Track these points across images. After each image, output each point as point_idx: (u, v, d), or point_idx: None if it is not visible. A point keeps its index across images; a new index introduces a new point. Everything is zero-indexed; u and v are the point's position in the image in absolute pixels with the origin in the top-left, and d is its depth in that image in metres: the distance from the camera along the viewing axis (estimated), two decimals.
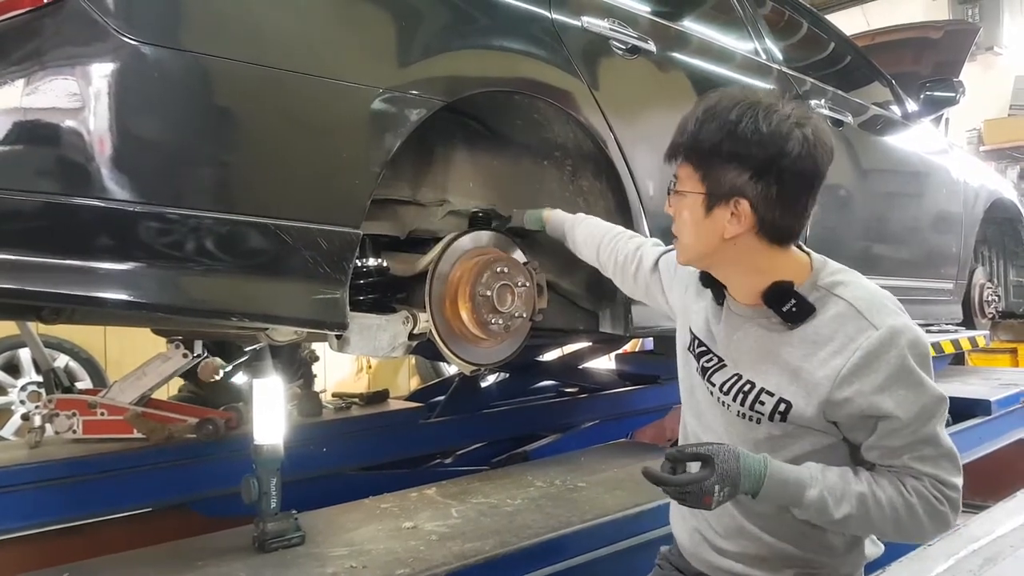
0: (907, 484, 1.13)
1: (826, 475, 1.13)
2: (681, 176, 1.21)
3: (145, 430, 2.36)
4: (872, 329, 1.11)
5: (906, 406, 1.10)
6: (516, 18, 1.81)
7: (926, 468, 1.13)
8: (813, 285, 1.18)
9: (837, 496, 1.12)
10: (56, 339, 4.06)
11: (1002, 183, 4.33)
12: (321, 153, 1.42)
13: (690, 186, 1.18)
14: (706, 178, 1.16)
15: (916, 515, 1.12)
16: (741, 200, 1.13)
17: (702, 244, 1.20)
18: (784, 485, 1.12)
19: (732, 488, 1.09)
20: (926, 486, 1.12)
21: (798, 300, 1.17)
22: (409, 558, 1.64)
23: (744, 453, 1.12)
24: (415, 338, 1.72)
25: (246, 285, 1.35)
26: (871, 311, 1.13)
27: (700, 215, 1.18)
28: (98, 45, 1.20)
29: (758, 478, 1.10)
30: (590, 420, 3.41)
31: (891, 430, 1.12)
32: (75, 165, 1.19)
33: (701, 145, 1.16)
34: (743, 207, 1.14)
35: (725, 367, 1.26)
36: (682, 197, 1.20)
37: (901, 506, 1.12)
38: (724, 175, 1.14)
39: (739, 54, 2.58)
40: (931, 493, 1.12)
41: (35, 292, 1.20)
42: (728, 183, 1.14)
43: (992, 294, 4.14)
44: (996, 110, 7.68)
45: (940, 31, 4.20)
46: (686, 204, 1.20)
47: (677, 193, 1.22)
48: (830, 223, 2.72)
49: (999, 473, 3.46)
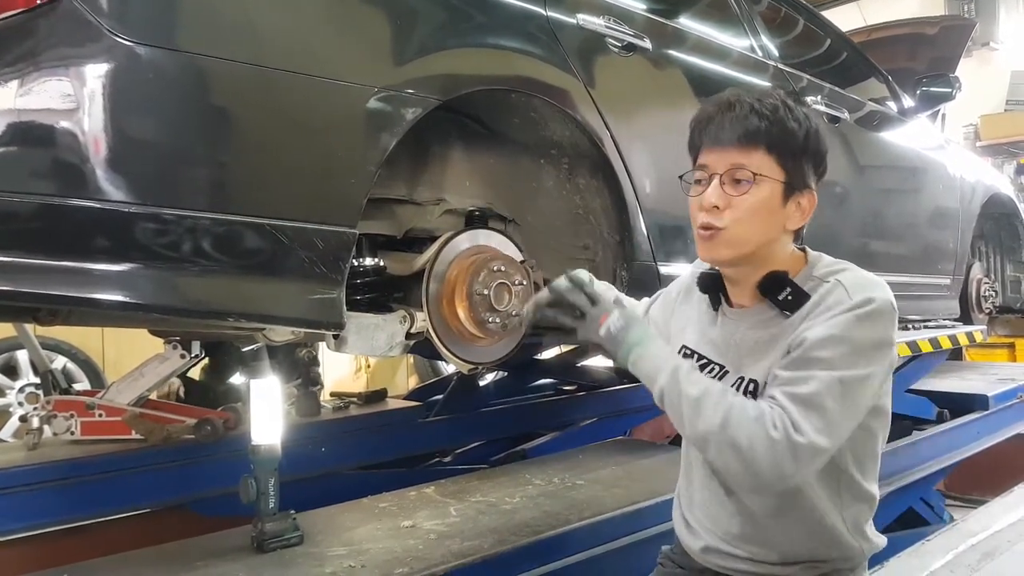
0: (758, 405, 1.10)
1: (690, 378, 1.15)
2: (755, 164, 1.15)
3: (143, 431, 2.36)
4: (848, 300, 1.13)
5: (824, 342, 1.09)
6: (511, 16, 1.81)
7: (787, 403, 1.08)
8: (809, 276, 1.20)
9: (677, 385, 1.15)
10: (54, 340, 4.06)
11: (999, 178, 4.33)
12: (317, 153, 1.42)
13: (769, 172, 1.16)
14: (788, 167, 1.16)
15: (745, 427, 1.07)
16: (811, 192, 1.19)
17: (761, 234, 1.18)
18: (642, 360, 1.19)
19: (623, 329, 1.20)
20: (774, 414, 1.07)
21: (794, 288, 1.18)
22: (408, 557, 1.64)
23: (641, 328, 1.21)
24: (412, 337, 1.72)
25: (242, 285, 1.35)
26: (855, 287, 1.14)
27: (775, 203, 1.17)
28: (92, 46, 1.20)
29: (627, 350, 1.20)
30: (588, 418, 3.41)
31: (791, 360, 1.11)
32: (70, 166, 1.19)
33: (792, 136, 1.16)
34: (810, 198, 1.19)
35: (728, 373, 1.25)
36: (752, 184, 1.15)
37: (738, 410, 1.09)
38: (804, 167, 1.18)
39: (735, 51, 2.58)
40: (772, 423, 1.06)
41: (31, 294, 1.20)
42: (806, 175, 1.19)
43: (989, 289, 4.14)
44: (992, 105, 7.68)
45: (936, 27, 4.21)
46: (762, 191, 1.15)
47: (737, 182, 1.15)
48: (827, 219, 2.72)
49: (997, 468, 3.47)
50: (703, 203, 1.18)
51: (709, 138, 1.19)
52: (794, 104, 1.19)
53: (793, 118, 1.17)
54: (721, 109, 1.18)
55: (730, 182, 1.16)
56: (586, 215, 2.02)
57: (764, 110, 1.16)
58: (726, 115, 1.17)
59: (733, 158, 1.16)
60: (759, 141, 1.15)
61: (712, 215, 1.17)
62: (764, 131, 1.15)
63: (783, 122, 1.16)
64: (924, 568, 1.64)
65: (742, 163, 1.16)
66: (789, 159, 1.17)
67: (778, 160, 1.16)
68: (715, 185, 1.17)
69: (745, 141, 1.16)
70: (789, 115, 1.17)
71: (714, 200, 1.16)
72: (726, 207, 1.16)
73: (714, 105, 1.20)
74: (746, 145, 1.16)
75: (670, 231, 2.06)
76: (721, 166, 1.17)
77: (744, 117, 1.16)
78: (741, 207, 1.16)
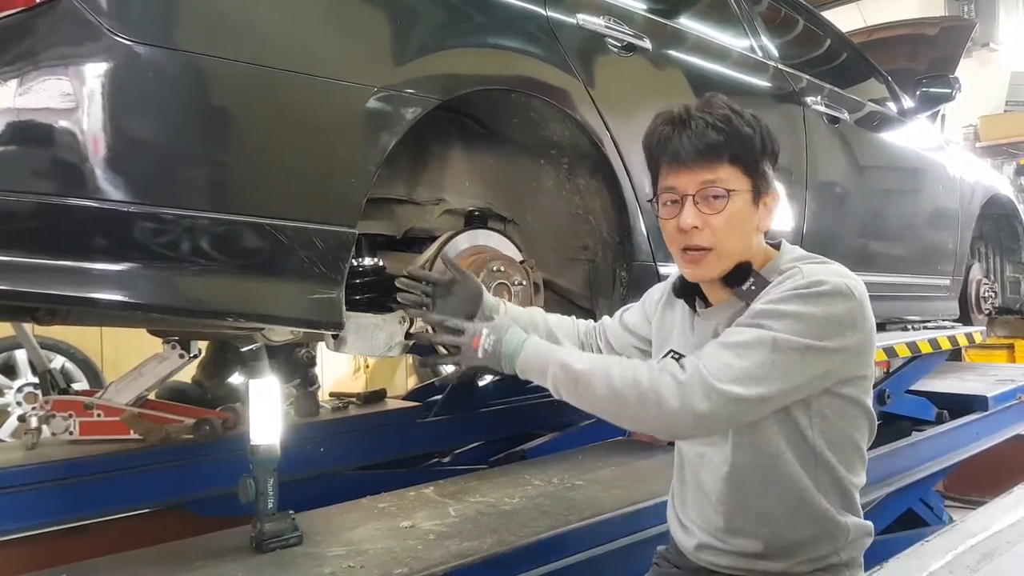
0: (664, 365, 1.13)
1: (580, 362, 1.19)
2: (722, 178, 1.16)
3: (142, 431, 2.36)
4: (802, 279, 1.13)
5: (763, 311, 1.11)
6: (511, 16, 1.81)
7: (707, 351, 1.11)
8: (776, 267, 1.21)
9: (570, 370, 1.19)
10: (52, 340, 4.06)
11: (998, 179, 4.34)
12: (316, 152, 1.42)
13: (737, 184, 1.16)
14: (751, 173, 1.17)
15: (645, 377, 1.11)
16: (773, 191, 1.20)
17: (744, 242, 1.19)
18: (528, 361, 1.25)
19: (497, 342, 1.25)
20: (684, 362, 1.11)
21: (756, 278, 1.18)
22: (407, 557, 1.64)
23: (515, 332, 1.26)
24: (412, 337, 1.72)
25: (242, 285, 1.35)
26: (812, 273, 1.15)
27: (748, 212, 1.17)
28: (91, 45, 1.20)
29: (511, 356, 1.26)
30: (588, 419, 3.40)
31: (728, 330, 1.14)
32: (69, 165, 1.18)
33: (750, 143, 1.16)
34: (774, 196, 1.20)
35: None
36: (727, 199, 1.15)
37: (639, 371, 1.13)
38: (764, 169, 1.18)
39: (735, 51, 2.58)
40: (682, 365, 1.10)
41: (30, 293, 1.20)
42: (767, 176, 1.19)
43: (989, 290, 4.14)
44: (992, 106, 7.68)
45: (936, 27, 4.21)
46: (735, 204, 1.16)
47: (714, 198, 1.15)
48: (826, 220, 2.72)
49: (996, 469, 3.47)
50: (681, 225, 1.17)
51: (669, 158, 1.18)
52: (740, 108, 1.19)
53: (746, 124, 1.17)
54: (675, 127, 1.17)
55: (703, 200, 1.16)
56: (586, 215, 2.02)
57: (718, 123, 1.15)
58: (683, 133, 1.16)
59: (701, 176, 1.16)
60: (721, 155, 1.15)
61: (693, 236, 1.17)
62: (724, 144, 1.15)
63: (739, 131, 1.16)
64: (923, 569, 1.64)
65: (711, 179, 1.16)
66: (751, 166, 1.17)
67: (742, 169, 1.17)
68: (689, 206, 1.17)
69: (708, 157, 1.15)
70: (742, 122, 1.16)
71: (692, 221, 1.16)
72: (704, 226, 1.16)
73: (665, 123, 1.20)
74: (710, 161, 1.16)
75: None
76: (691, 186, 1.17)
77: (701, 133, 1.15)
78: (719, 223, 1.16)
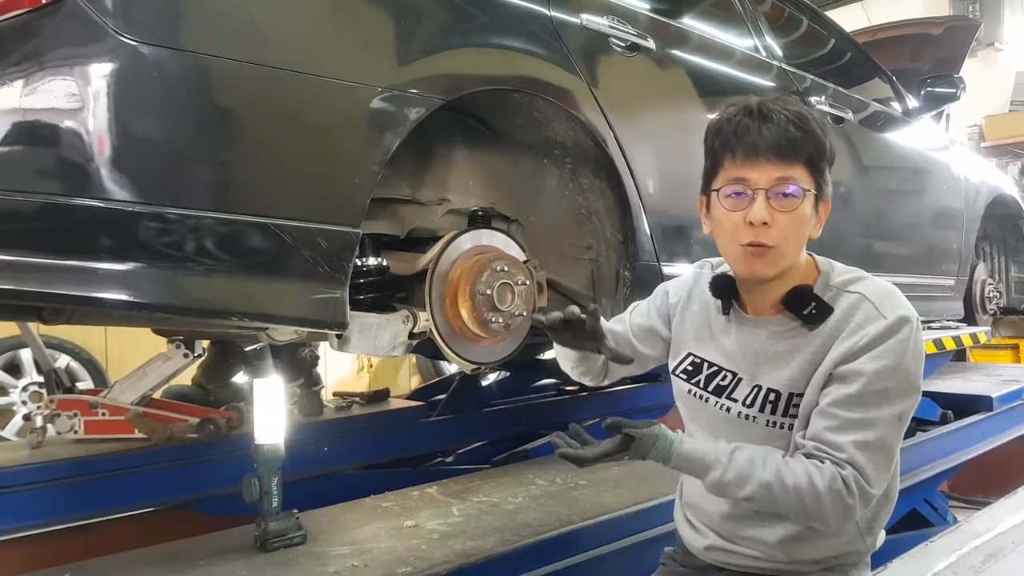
0: (824, 473, 1.10)
1: (734, 459, 1.14)
2: (796, 177, 1.13)
3: (146, 430, 2.37)
4: (882, 318, 1.13)
5: (880, 377, 1.11)
6: (515, 16, 1.81)
7: (860, 457, 1.10)
8: (826, 285, 1.19)
9: (740, 480, 1.14)
10: (57, 339, 4.06)
11: (1003, 179, 4.32)
12: (320, 152, 1.42)
13: (807, 185, 1.14)
14: (817, 177, 1.16)
15: (822, 506, 1.10)
16: (828, 199, 1.19)
17: (800, 248, 1.18)
18: (690, 464, 1.16)
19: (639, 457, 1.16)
20: (847, 477, 1.10)
21: (817, 302, 1.17)
22: (411, 556, 1.64)
23: (661, 435, 1.15)
24: (415, 337, 1.72)
25: (246, 285, 1.35)
26: (882, 302, 1.15)
27: (811, 215, 1.16)
28: (96, 45, 1.20)
29: (665, 456, 1.15)
30: (591, 418, 3.40)
31: (850, 397, 1.11)
32: (74, 165, 1.19)
33: (822, 147, 1.15)
34: (826, 206, 1.19)
35: (742, 381, 1.25)
36: (800, 198, 1.13)
37: (808, 495, 1.11)
38: (826, 175, 1.17)
39: (739, 51, 2.58)
40: (846, 485, 1.09)
41: (35, 293, 1.20)
42: (826, 183, 1.18)
43: (993, 290, 4.13)
44: (997, 106, 7.66)
45: (940, 27, 4.20)
46: (804, 205, 1.14)
47: (785, 196, 1.12)
48: (831, 221, 2.70)
49: (1001, 469, 3.46)
50: (752, 219, 1.13)
51: (745, 149, 1.13)
52: (810, 110, 1.18)
53: (819, 127, 1.15)
54: (755, 119, 1.13)
55: (776, 197, 1.13)
56: (589, 215, 2.02)
57: (798, 121, 1.13)
58: (763, 126, 1.12)
59: (777, 171, 1.12)
60: (800, 154, 1.13)
61: (761, 232, 1.13)
62: (803, 143, 1.13)
63: (815, 133, 1.14)
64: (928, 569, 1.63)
65: (787, 176, 1.12)
66: (819, 170, 1.16)
67: (810, 172, 1.15)
68: (761, 201, 1.12)
69: (787, 153, 1.12)
70: (816, 125, 1.15)
71: (763, 216, 1.12)
72: (773, 223, 1.13)
73: (742, 114, 1.15)
74: (788, 158, 1.12)
75: (673, 231, 2.06)
76: (764, 180, 1.12)
77: (783, 128, 1.12)
78: (788, 222, 1.13)
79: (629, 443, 1.14)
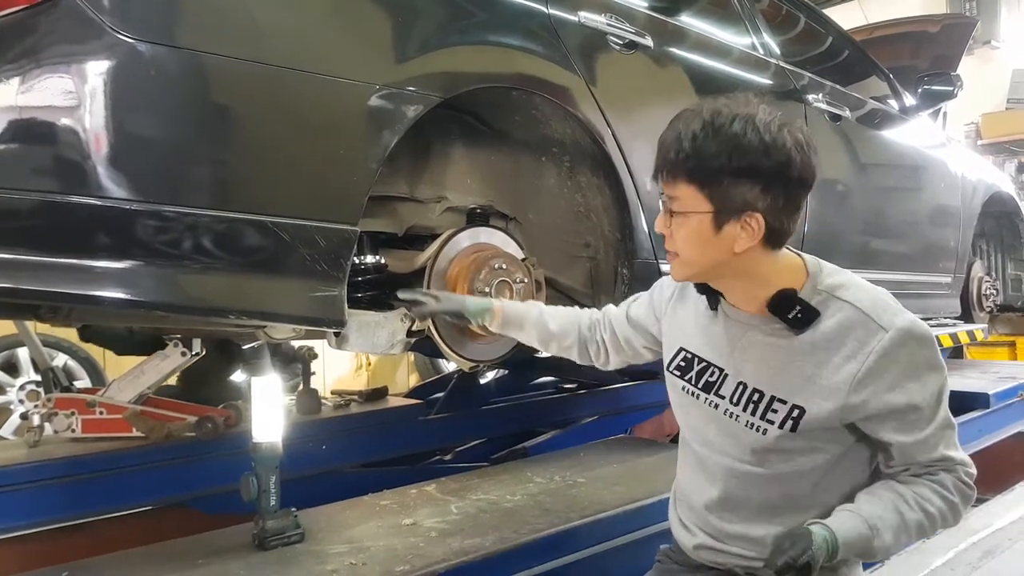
0: (947, 485, 1.17)
1: (883, 519, 1.14)
2: (681, 196, 1.13)
3: (144, 428, 2.36)
4: (882, 332, 1.13)
5: (923, 393, 1.14)
6: (513, 13, 1.80)
7: (955, 455, 1.17)
8: (814, 289, 1.18)
9: (898, 535, 1.15)
10: (54, 338, 4.05)
11: (1000, 177, 4.33)
12: (318, 150, 1.42)
13: (694, 205, 1.12)
14: (714, 196, 1.11)
15: (958, 511, 1.18)
16: (754, 214, 1.10)
17: (707, 260, 1.16)
18: (853, 547, 1.13)
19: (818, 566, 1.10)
20: (960, 477, 1.17)
21: (803, 306, 1.16)
22: (409, 555, 1.63)
23: (816, 543, 1.09)
24: (413, 335, 1.72)
25: (244, 283, 1.35)
26: (876, 312, 1.15)
27: (709, 233, 1.13)
28: (94, 43, 1.20)
29: (833, 551, 1.11)
30: (589, 416, 3.41)
31: (913, 422, 1.14)
32: (71, 163, 1.19)
33: (708, 163, 1.09)
34: (756, 220, 1.11)
35: (728, 377, 1.25)
36: (685, 217, 1.14)
37: (948, 510, 1.17)
38: (734, 191, 1.09)
39: (737, 49, 2.58)
40: (964, 483, 1.17)
41: (32, 291, 1.20)
42: (739, 199, 1.10)
43: (990, 288, 4.14)
44: (994, 104, 7.68)
45: (938, 25, 4.20)
46: (690, 223, 1.14)
47: (675, 213, 1.15)
48: (828, 218, 2.72)
49: (998, 466, 3.46)
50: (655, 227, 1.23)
51: (657, 159, 1.18)
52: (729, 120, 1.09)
53: (718, 145, 1.08)
54: (671, 130, 1.15)
55: (666, 211, 1.17)
56: (587, 213, 2.02)
57: (691, 139, 1.10)
58: (670, 139, 1.14)
59: (668, 188, 1.16)
60: (678, 172, 1.13)
61: (668, 240, 1.19)
62: (681, 162, 1.11)
63: (704, 153, 1.09)
64: (925, 566, 1.64)
65: (675, 196, 1.15)
66: (714, 188, 1.10)
67: (703, 192, 1.11)
68: (663, 212, 1.18)
69: (673, 172, 1.14)
70: (714, 143, 1.09)
71: (660, 228, 1.20)
72: (669, 235, 1.18)
73: (672, 122, 1.16)
74: (674, 177, 1.14)
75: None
76: (666, 194, 1.17)
77: (677, 145, 1.12)
78: (682, 237, 1.16)
79: (807, 570, 1.08)
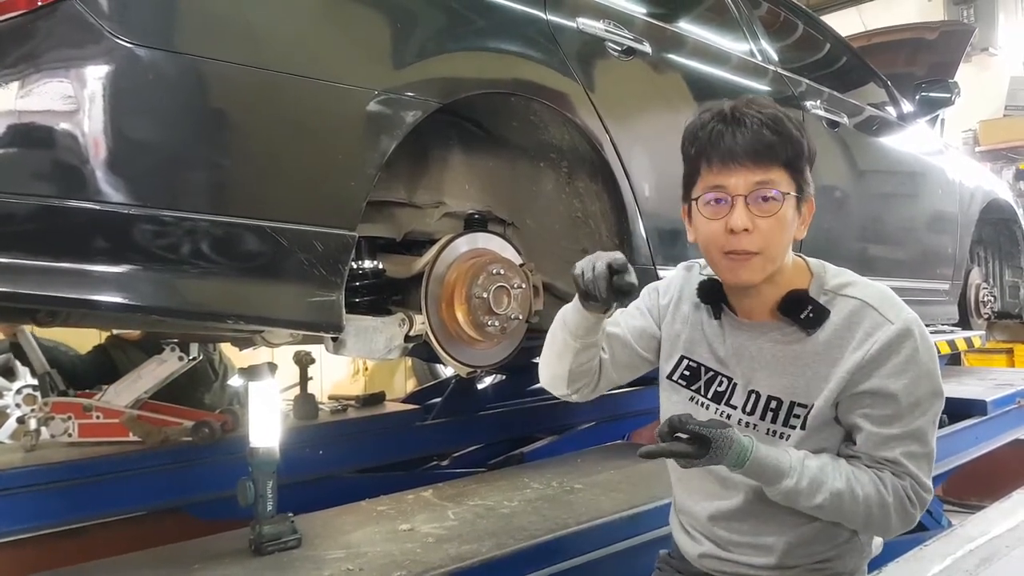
0: (886, 483, 1.14)
1: (806, 466, 1.14)
2: (775, 179, 1.11)
3: (141, 433, 2.36)
4: (888, 323, 1.14)
5: (909, 390, 1.13)
6: (511, 20, 1.81)
7: (911, 467, 1.14)
8: (820, 289, 1.19)
9: (813, 488, 1.13)
10: (52, 342, 4.05)
11: (997, 184, 4.34)
12: (316, 155, 1.42)
13: (787, 187, 1.12)
14: (797, 179, 1.14)
15: (887, 514, 1.14)
16: (811, 199, 1.17)
17: (786, 251, 1.16)
18: (763, 470, 1.12)
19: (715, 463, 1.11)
20: (906, 487, 1.14)
21: (814, 305, 1.17)
22: (406, 560, 1.63)
23: (737, 439, 1.10)
24: (411, 340, 1.72)
25: (241, 287, 1.35)
26: (883, 306, 1.16)
27: (793, 218, 1.14)
28: (93, 48, 1.20)
29: (741, 461, 1.11)
30: (587, 422, 3.41)
31: (887, 416, 1.13)
32: (70, 168, 1.19)
33: (798, 145, 1.13)
34: (809, 207, 1.17)
35: (737, 386, 1.24)
36: (780, 202, 1.11)
37: (875, 504, 1.13)
38: (807, 175, 1.16)
39: (735, 55, 2.58)
40: (907, 494, 1.14)
41: (30, 295, 1.20)
42: (807, 182, 1.16)
43: (988, 294, 4.15)
44: (991, 111, 7.69)
45: (935, 32, 4.22)
46: (784, 209, 1.12)
47: (765, 200, 1.10)
48: (826, 224, 2.72)
49: (995, 473, 3.47)
50: (732, 226, 1.11)
51: (720, 156, 1.12)
52: (785, 111, 1.16)
53: (795, 127, 1.13)
54: (728, 124, 1.12)
55: (755, 202, 1.11)
56: (585, 219, 2.03)
57: (773, 123, 1.11)
58: (737, 131, 1.11)
59: (755, 176, 1.11)
60: (776, 157, 1.11)
61: (742, 240, 1.11)
62: (779, 146, 1.11)
63: (791, 134, 1.12)
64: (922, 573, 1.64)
65: (765, 181, 1.11)
66: (798, 171, 1.14)
67: (790, 174, 1.13)
68: (740, 207, 1.11)
69: (763, 157, 1.11)
70: (792, 126, 1.13)
71: (744, 223, 1.11)
72: (754, 229, 1.11)
73: (716, 119, 1.13)
74: (765, 162, 1.11)
75: (668, 235, 2.06)
76: (742, 186, 1.11)
77: (757, 132, 1.10)
78: (769, 227, 1.11)
79: (706, 445, 1.08)
